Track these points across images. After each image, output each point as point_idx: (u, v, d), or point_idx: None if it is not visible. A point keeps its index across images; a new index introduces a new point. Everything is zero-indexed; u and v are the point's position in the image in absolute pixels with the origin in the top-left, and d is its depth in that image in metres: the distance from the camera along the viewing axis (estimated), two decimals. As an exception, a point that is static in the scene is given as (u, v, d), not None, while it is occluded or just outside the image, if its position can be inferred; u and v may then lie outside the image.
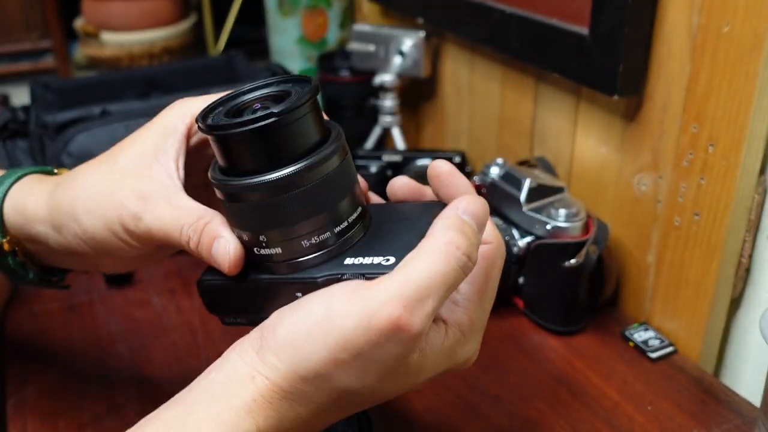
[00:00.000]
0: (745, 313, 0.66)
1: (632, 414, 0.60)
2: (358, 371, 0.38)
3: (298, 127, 0.39)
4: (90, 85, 0.96)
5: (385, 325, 0.36)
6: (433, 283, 0.37)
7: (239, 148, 0.40)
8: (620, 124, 0.69)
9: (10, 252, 0.50)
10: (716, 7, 0.57)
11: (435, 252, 0.37)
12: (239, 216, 0.41)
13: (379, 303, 0.36)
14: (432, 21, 0.91)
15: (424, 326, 0.37)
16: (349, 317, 0.37)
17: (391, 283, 0.37)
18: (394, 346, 0.37)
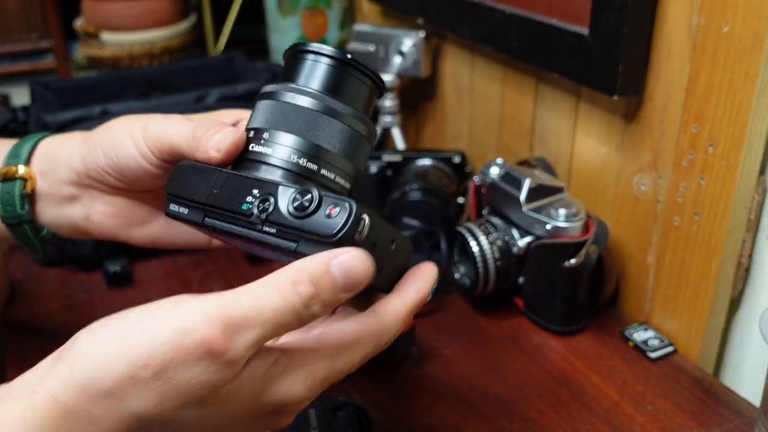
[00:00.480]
0: (745, 313, 0.66)
1: (632, 414, 0.60)
2: (157, 394, 0.34)
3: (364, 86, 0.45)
4: (90, 85, 0.96)
5: (198, 344, 0.33)
6: (261, 315, 0.35)
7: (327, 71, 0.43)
8: (620, 124, 0.69)
9: (21, 179, 0.53)
10: (716, 7, 0.57)
11: (274, 287, 0.36)
12: (272, 111, 0.43)
13: (197, 320, 0.34)
14: (432, 21, 0.91)
15: (240, 356, 0.34)
16: (161, 331, 0.34)
17: (216, 302, 0.34)
18: (202, 370, 0.34)
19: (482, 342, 0.69)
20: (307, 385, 0.38)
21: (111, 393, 0.33)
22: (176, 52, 1.30)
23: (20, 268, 0.82)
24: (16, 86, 1.69)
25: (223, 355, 0.34)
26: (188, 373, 0.34)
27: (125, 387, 0.33)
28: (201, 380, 0.34)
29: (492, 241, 0.69)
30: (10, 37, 1.76)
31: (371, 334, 0.40)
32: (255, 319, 0.35)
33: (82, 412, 0.34)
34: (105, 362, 0.34)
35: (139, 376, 0.33)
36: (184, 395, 0.34)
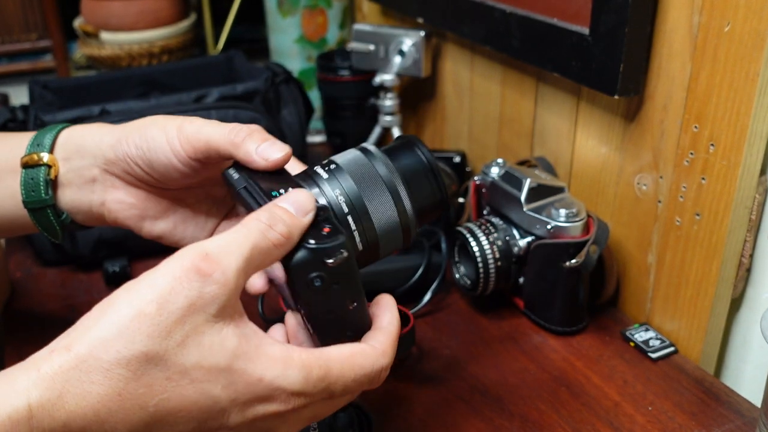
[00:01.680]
0: (746, 313, 0.66)
1: (633, 414, 0.60)
2: (163, 327, 0.36)
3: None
4: (89, 84, 0.95)
5: (188, 268, 0.37)
6: (235, 242, 0.39)
7: None
8: (621, 123, 0.69)
9: (45, 165, 0.55)
10: (717, 6, 0.56)
11: (239, 225, 0.40)
12: (352, 157, 0.49)
13: (184, 254, 0.38)
14: (432, 21, 0.91)
15: (229, 276, 0.38)
16: (156, 271, 0.37)
17: (198, 243, 0.39)
18: (197, 291, 0.37)
19: (482, 342, 0.69)
20: (302, 375, 0.40)
21: (121, 334, 0.36)
22: (176, 51, 1.29)
23: (20, 268, 0.82)
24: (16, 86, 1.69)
25: (212, 275, 0.37)
26: (185, 298, 0.37)
27: (133, 326, 0.36)
28: (197, 300, 0.37)
29: (492, 241, 0.69)
30: (9, 36, 1.76)
31: (365, 357, 0.43)
32: (230, 245, 0.39)
33: (94, 359, 0.35)
34: (114, 310, 0.37)
35: (145, 312, 0.36)
36: (185, 323, 0.37)
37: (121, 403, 0.36)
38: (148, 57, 1.26)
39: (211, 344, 0.38)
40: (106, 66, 1.28)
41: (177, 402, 0.37)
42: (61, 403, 0.34)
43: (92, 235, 0.79)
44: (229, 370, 0.38)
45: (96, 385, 0.35)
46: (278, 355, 0.40)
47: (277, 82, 0.92)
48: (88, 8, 1.29)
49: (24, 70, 1.76)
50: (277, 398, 0.40)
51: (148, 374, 0.36)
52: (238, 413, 0.39)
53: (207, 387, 0.38)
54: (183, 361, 0.37)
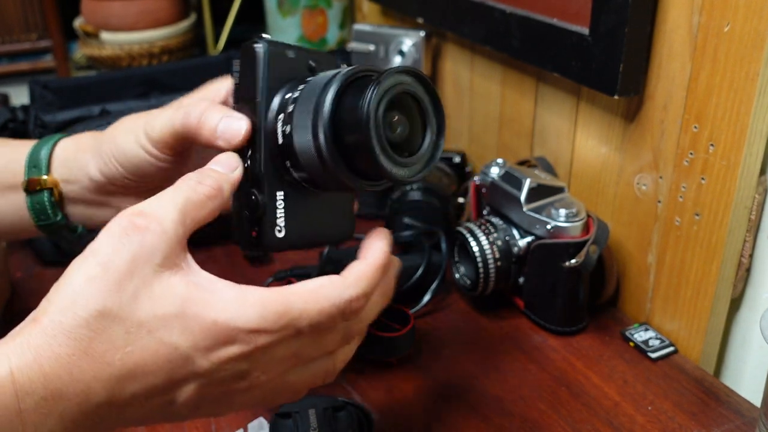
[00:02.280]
0: (745, 313, 0.66)
1: (632, 414, 0.60)
2: (110, 284, 0.38)
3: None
4: (89, 84, 0.95)
5: (123, 226, 0.39)
6: (165, 195, 0.41)
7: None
8: (620, 123, 0.69)
9: (48, 189, 0.56)
10: (717, 6, 0.57)
11: (171, 186, 0.42)
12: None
13: (119, 216, 0.40)
14: (432, 21, 0.91)
15: (166, 225, 0.39)
16: (99, 235, 0.39)
17: (134, 205, 0.41)
18: (138, 245, 0.38)
19: (482, 342, 0.69)
20: (257, 311, 0.40)
21: (74, 300, 0.38)
22: (176, 51, 1.29)
23: (20, 268, 0.82)
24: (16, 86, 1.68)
25: (147, 227, 0.39)
26: (126, 253, 0.39)
27: (85, 289, 0.38)
28: (138, 254, 0.39)
29: (492, 241, 0.69)
30: (9, 36, 1.76)
31: (331, 288, 0.42)
32: (162, 200, 0.41)
33: (57, 324, 0.37)
34: (68, 280, 0.39)
35: (92, 274, 0.38)
36: (133, 276, 0.38)
37: (90, 362, 0.37)
38: (148, 57, 1.26)
39: (161, 293, 0.39)
40: (106, 66, 1.28)
41: (140, 354, 0.38)
42: (37, 366, 0.36)
43: (92, 236, 0.79)
44: (182, 316, 0.39)
45: (63, 347, 0.37)
46: (231, 295, 0.40)
47: (277, 82, 0.92)
48: (89, 8, 1.29)
49: (24, 70, 1.76)
50: (237, 339, 0.39)
51: (108, 330, 0.38)
52: (203, 358, 0.39)
53: (164, 335, 0.38)
54: (138, 313, 0.38)
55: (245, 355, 0.40)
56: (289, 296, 0.40)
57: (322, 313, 0.41)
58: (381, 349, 0.65)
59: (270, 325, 0.39)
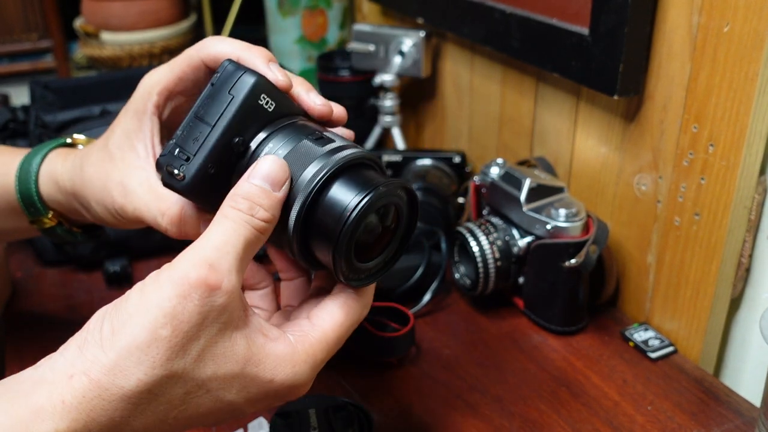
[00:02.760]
0: (745, 313, 0.66)
1: (632, 414, 0.60)
2: (178, 346, 0.37)
3: None
4: (90, 85, 0.95)
5: (196, 285, 0.37)
6: (226, 240, 0.39)
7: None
8: (620, 124, 0.69)
9: (57, 225, 0.58)
10: (716, 6, 0.57)
11: (220, 216, 0.40)
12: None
13: (186, 269, 0.37)
14: (432, 21, 0.91)
15: (231, 280, 0.38)
16: (162, 287, 0.37)
17: (191, 251, 0.39)
18: (209, 306, 0.37)
19: (482, 342, 0.69)
20: (309, 366, 0.42)
21: (140, 361, 0.36)
22: (176, 52, 1.29)
23: (20, 268, 0.82)
24: (16, 86, 1.69)
25: (221, 285, 0.38)
26: (199, 315, 0.37)
27: (152, 351, 0.36)
28: (209, 313, 0.37)
29: (492, 241, 0.69)
30: (10, 36, 1.76)
31: (353, 314, 0.44)
32: (226, 247, 0.39)
33: (116, 388, 0.36)
34: (130, 332, 0.36)
35: (161, 336, 0.36)
36: (201, 342, 0.37)
37: (143, 420, 0.37)
38: (148, 57, 1.26)
39: (224, 353, 0.39)
40: (106, 66, 1.28)
41: (194, 410, 0.39)
42: (86, 431, 0.36)
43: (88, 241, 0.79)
44: (241, 376, 0.39)
45: (119, 411, 0.36)
46: (284, 353, 0.41)
47: (277, 83, 0.92)
48: (89, 8, 1.29)
49: (24, 70, 1.76)
50: (292, 393, 0.42)
51: (169, 392, 0.37)
52: (251, 407, 0.41)
53: (222, 394, 0.39)
54: (200, 374, 0.38)
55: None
56: (329, 341, 0.43)
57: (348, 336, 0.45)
58: (381, 349, 0.65)
59: (317, 371, 0.43)
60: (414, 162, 0.90)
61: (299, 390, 0.42)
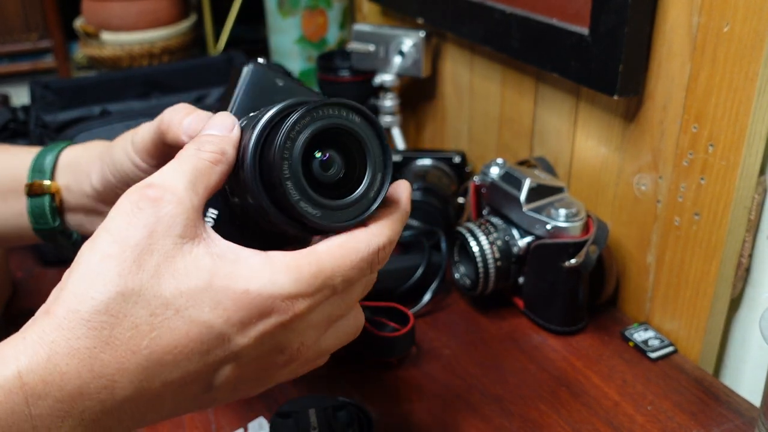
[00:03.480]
0: (745, 313, 0.66)
1: (632, 414, 0.60)
2: (129, 262, 0.34)
3: None
4: (90, 85, 0.96)
5: (134, 201, 0.36)
6: (172, 165, 0.38)
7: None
8: (620, 124, 0.69)
9: (50, 194, 0.56)
10: (716, 6, 0.57)
11: (173, 159, 0.39)
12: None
13: (128, 191, 0.36)
14: (432, 21, 0.91)
15: (180, 194, 0.36)
16: (110, 214, 0.36)
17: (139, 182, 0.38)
18: (154, 218, 0.35)
19: (482, 342, 0.69)
20: (291, 276, 0.37)
21: (91, 284, 0.34)
22: (176, 52, 1.30)
23: (20, 268, 0.82)
24: (16, 86, 1.69)
25: (162, 196, 0.37)
26: (143, 228, 0.35)
27: (102, 269, 0.35)
28: (156, 228, 0.36)
29: (492, 241, 0.69)
30: (10, 36, 1.76)
31: (358, 240, 0.39)
32: (170, 172, 0.38)
33: (73, 314, 0.34)
34: (81, 264, 0.35)
35: (108, 253, 0.35)
36: (153, 252, 0.35)
37: (113, 352, 0.34)
38: (148, 57, 1.26)
39: (185, 267, 0.35)
40: (106, 66, 1.28)
41: (169, 338, 0.35)
42: (51, 366, 0.33)
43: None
44: (210, 289, 0.35)
45: (81, 339, 0.33)
46: (259, 262, 0.37)
47: (277, 83, 0.92)
48: (89, 8, 1.29)
49: (25, 70, 1.76)
50: (274, 308, 0.36)
51: (131, 314, 0.34)
52: (239, 335, 0.36)
53: (193, 313, 0.35)
54: (161, 291, 0.35)
55: (283, 325, 0.37)
56: (319, 255, 0.37)
57: (354, 268, 0.38)
58: (381, 349, 0.65)
59: (306, 288, 0.37)
60: (414, 162, 0.90)
61: (284, 305, 0.36)
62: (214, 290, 0.35)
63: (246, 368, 0.38)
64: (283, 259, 0.37)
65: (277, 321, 0.36)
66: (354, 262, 0.38)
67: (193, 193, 0.37)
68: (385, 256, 0.40)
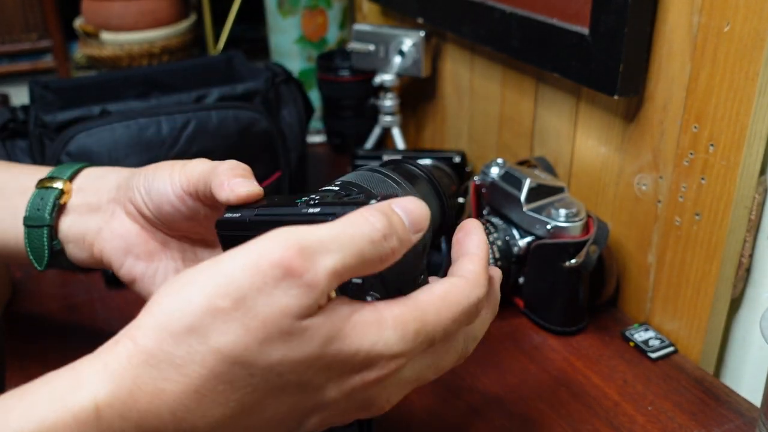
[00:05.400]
0: (745, 313, 0.66)
1: (632, 414, 0.60)
2: (239, 325, 0.31)
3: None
4: (90, 84, 0.95)
5: (274, 264, 0.32)
6: (338, 240, 0.33)
7: None
8: (620, 124, 0.69)
9: (60, 190, 0.55)
10: (717, 6, 0.57)
11: (349, 218, 0.35)
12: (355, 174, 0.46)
13: (271, 244, 0.32)
14: (432, 21, 0.91)
15: (320, 279, 0.32)
16: (236, 258, 0.32)
17: (290, 230, 0.33)
18: (283, 293, 0.32)
19: (482, 342, 0.69)
20: (398, 334, 0.35)
21: (192, 329, 0.31)
22: (176, 51, 1.30)
23: (20, 269, 0.82)
24: (16, 86, 1.69)
25: (302, 276, 0.32)
26: (268, 298, 0.32)
27: (206, 321, 0.31)
28: (282, 305, 0.32)
29: (492, 241, 0.69)
30: (9, 36, 1.76)
31: (458, 292, 0.38)
32: (332, 243, 0.33)
33: (164, 354, 0.31)
34: (184, 299, 0.32)
35: (219, 306, 0.31)
36: (267, 325, 0.32)
37: (199, 401, 0.32)
38: (148, 57, 1.26)
39: (300, 340, 0.33)
40: (106, 66, 1.28)
41: (263, 393, 0.33)
42: (132, 402, 0.31)
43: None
44: (321, 357, 0.33)
45: (170, 382, 0.31)
46: (369, 319, 0.35)
47: (277, 83, 0.92)
48: (89, 8, 1.29)
49: (24, 70, 1.76)
50: (377, 365, 0.35)
51: (228, 371, 0.32)
52: (334, 388, 0.35)
53: (297, 376, 0.33)
54: (266, 357, 0.32)
55: (379, 380, 0.36)
56: (423, 310, 0.36)
57: (455, 321, 0.37)
58: (381, 349, 0.65)
59: (410, 347, 0.35)
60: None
61: (387, 363, 0.35)
62: (324, 356, 0.33)
63: (329, 419, 0.36)
64: (391, 313, 0.35)
65: (375, 376, 0.35)
66: (455, 315, 0.37)
67: (335, 281, 0.33)
68: (482, 307, 0.40)
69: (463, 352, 0.41)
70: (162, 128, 0.80)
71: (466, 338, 0.41)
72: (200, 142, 0.81)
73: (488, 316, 0.43)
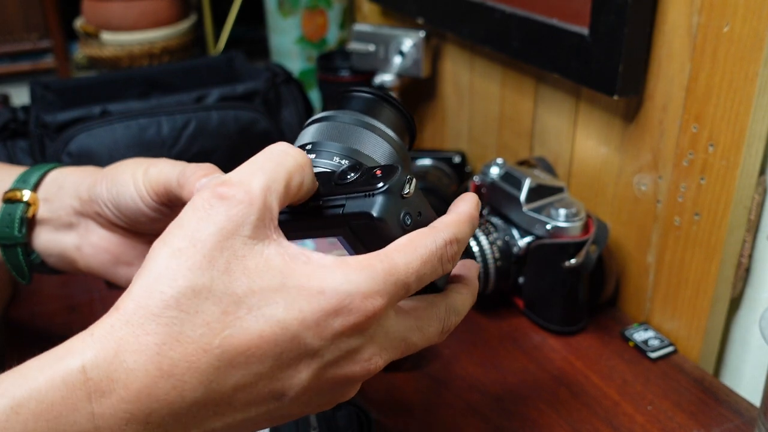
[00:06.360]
0: (745, 313, 0.66)
1: (632, 414, 0.60)
2: (198, 255, 0.33)
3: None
4: (90, 85, 0.96)
5: (210, 195, 0.35)
6: (260, 167, 0.36)
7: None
8: (620, 124, 0.69)
9: (24, 203, 0.55)
10: (716, 7, 0.57)
11: (265, 150, 0.38)
12: (316, 129, 0.45)
13: (201, 187, 0.36)
14: (432, 21, 0.91)
15: (255, 194, 0.35)
16: (185, 210, 0.35)
17: (216, 174, 0.37)
18: (223, 216, 0.34)
19: (482, 342, 0.69)
20: (365, 273, 0.36)
21: (160, 276, 0.33)
22: (176, 52, 1.30)
23: (20, 268, 0.82)
24: (16, 86, 1.69)
25: (234, 196, 0.35)
26: (210, 224, 0.34)
27: (171, 264, 0.34)
28: (224, 224, 0.35)
29: (492, 241, 0.69)
30: (10, 36, 1.76)
31: (423, 236, 0.39)
32: (251, 168, 0.36)
33: (142, 309, 0.33)
34: (150, 259, 0.34)
35: (179, 247, 0.34)
36: (221, 248, 0.34)
37: (183, 350, 0.32)
38: (148, 57, 1.26)
39: (256, 267, 0.34)
40: (106, 66, 1.28)
41: (242, 337, 0.33)
42: (118, 362, 0.32)
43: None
44: (284, 289, 0.34)
45: (151, 335, 0.32)
46: (331, 263, 0.36)
47: (277, 83, 0.92)
48: (89, 9, 1.29)
49: (25, 70, 1.76)
50: (351, 306, 0.35)
51: (202, 310, 0.33)
52: (314, 336, 0.34)
53: (267, 312, 0.34)
54: (233, 289, 0.33)
55: (359, 326, 0.35)
56: (390, 253, 0.37)
57: (425, 263, 0.37)
58: (381, 349, 0.65)
59: (381, 286, 0.35)
60: (414, 162, 0.90)
61: (362, 303, 0.35)
62: (287, 291, 0.34)
63: (319, 374, 0.36)
64: (354, 258, 0.36)
65: (352, 321, 0.35)
66: (424, 257, 0.38)
67: (271, 194, 0.36)
68: (455, 254, 0.40)
69: (446, 322, 0.41)
70: (162, 128, 0.80)
71: (447, 308, 0.41)
72: (200, 142, 0.81)
73: (468, 297, 0.43)
